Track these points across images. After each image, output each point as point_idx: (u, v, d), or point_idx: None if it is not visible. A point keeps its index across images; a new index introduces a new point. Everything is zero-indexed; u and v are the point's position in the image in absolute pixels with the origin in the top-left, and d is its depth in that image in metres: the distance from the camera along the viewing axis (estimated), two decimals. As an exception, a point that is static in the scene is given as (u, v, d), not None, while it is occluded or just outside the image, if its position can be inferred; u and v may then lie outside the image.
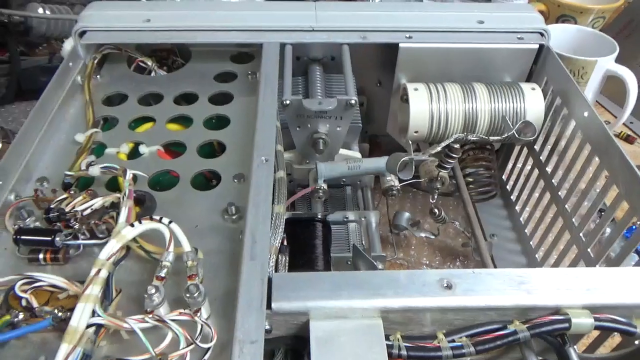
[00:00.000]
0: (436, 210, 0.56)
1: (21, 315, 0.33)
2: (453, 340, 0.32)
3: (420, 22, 0.55)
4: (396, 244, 0.62)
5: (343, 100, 0.48)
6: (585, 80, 0.71)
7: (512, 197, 0.65)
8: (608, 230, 0.54)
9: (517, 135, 0.50)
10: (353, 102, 0.48)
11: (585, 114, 0.48)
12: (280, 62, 0.52)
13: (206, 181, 0.48)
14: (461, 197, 0.58)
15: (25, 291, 0.34)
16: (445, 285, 0.32)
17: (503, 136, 0.51)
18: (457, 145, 0.47)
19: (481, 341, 0.31)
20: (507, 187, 0.66)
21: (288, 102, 0.48)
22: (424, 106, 0.53)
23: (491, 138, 0.50)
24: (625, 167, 0.42)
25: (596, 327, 0.31)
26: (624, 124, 0.80)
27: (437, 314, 0.32)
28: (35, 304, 0.33)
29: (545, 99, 0.54)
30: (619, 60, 0.70)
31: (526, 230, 0.62)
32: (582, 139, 0.49)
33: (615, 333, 0.40)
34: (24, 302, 0.34)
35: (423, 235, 0.60)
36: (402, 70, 0.56)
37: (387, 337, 0.31)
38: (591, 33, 0.76)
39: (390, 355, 0.30)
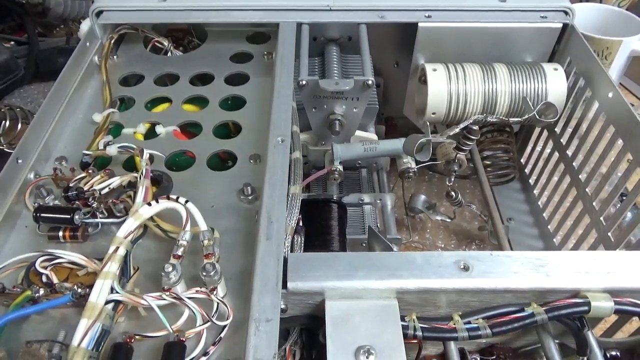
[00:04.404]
0: (453, 193, 0.55)
1: (42, 291, 0.33)
2: (469, 322, 0.31)
3: (440, 1, 0.54)
4: (411, 227, 0.62)
5: (360, 80, 0.47)
6: (610, 61, 0.69)
7: (530, 180, 0.64)
8: (629, 215, 0.53)
9: (538, 117, 0.49)
10: (370, 82, 0.47)
11: (610, 94, 0.47)
12: (296, 42, 0.51)
13: (221, 162, 0.48)
14: (479, 180, 0.57)
15: (45, 268, 0.35)
16: (462, 267, 0.32)
17: (523, 117, 0.50)
18: (475, 127, 0.46)
19: (498, 323, 0.31)
20: (526, 170, 0.65)
21: (304, 82, 0.47)
22: (443, 87, 0.52)
23: (511, 119, 0.49)
24: (650, 149, 0.41)
25: (616, 311, 0.31)
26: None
27: (453, 296, 0.32)
28: (55, 280, 0.34)
29: (567, 79, 0.52)
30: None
31: (544, 214, 0.61)
32: (606, 120, 0.48)
33: (635, 317, 0.40)
34: (44, 278, 0.34)
35: (439, 218, 0.60)
36: (420, 51, 0.55)
37: (402, 318, 0.31)
38: (617, 12, 0.73)
39: (405, 335, 0.30)
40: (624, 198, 0.46)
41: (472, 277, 0.32)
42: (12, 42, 0.84)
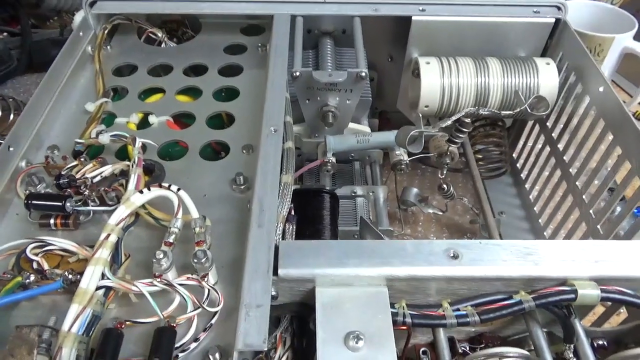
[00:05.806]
0: (445, 186, 0.55)
1: (32, 277, 0.33)
2: (458, 309, 0.32)
3: (434, -6, 0.54)
4: (404, 220, 0.62)
5: (353, 72, 0.47)
6: (602, 58, 0.69)
7: (521, 175, 0.65)
8: (618, 208, 0.53)
9: (529, 110, 0.49)
10: (363, 74, 0.47)
11: (601, 89, 0.47)
12: (290, 35, 0.51)
13: (214, 153, 0.48)
14: (471, 174, 0.57)
15: (36, 254, 0.35)
16: (452, 255, 0.32)
17: (515, 111, 0.50)
18: (468, 120, 0.46)
19: (486, 310, 0.31)
20: (517, 164, 0.66)
21: (298, 73, 0.47)
22: (436, 80, 0.52)
23: (503, 112, 0.50)
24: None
25: (603, 299, 0.31)
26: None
27: (442, 283, 0.32)
28: (46, 266, 0.34)
29: (559, 74, 0.53)
30: (637, 37, 0.68)
31: (535, 208, 0.61)
32: (596, 114, 0.48)
33: (622, 308, 0.40)
34: (35, 265, 0.34)
35: (431, 211, 0.60)
36: (414, 44, 0.55)
37: (392, 305, 0.31)
38: (609, 9, 0.74)
39: (395, 322, 0.31)
40: (613, 192, 0.46)
41: (462, 265, 0.32)
42: (5, 34, 0.84)
